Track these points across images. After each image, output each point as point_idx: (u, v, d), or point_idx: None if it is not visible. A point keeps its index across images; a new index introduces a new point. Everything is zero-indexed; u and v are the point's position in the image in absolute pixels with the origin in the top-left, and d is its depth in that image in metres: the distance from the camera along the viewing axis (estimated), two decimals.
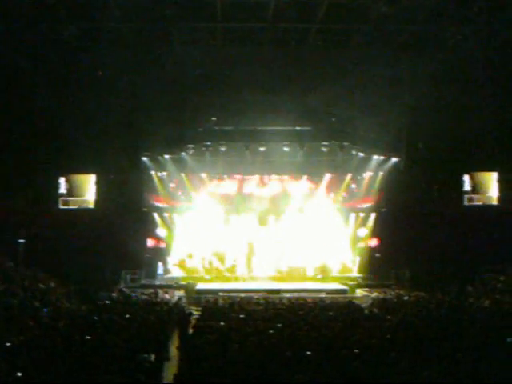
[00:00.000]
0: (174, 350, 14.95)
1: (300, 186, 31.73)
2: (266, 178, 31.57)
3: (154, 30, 24.08)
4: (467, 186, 30.12)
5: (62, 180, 29.32)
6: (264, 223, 31.06)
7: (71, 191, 29.48)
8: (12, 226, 26.55)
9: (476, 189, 30.09)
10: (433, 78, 25.47)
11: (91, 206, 29.21)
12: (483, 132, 27.66)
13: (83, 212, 29.00)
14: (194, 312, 20.02)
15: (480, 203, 30.08)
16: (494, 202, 29.72)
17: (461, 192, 30.09)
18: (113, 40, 24.50)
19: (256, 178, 31.52)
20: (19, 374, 9.73)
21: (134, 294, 23.04)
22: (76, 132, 26.86)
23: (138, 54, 25.53)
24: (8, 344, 11.99)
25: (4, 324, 14.74)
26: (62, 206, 29.33)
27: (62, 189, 29.37)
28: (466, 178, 30.11)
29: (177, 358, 13.90)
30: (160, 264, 29.67)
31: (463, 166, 29.81)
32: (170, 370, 12.69)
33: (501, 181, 29.28)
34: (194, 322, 16.93)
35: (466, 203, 30.13)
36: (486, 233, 27.11)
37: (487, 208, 29.61)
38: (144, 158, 29.28)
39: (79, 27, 23.75)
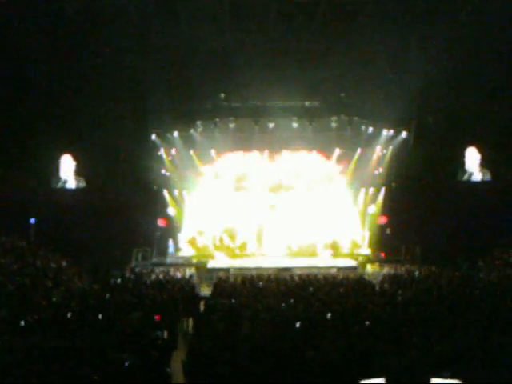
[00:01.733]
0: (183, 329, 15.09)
1: (309, 162, 31.63)
2: (275, 153, 31.44)
3: (161, 6, 23.82)
4: (476, 160, 30.01)
5: (70, 159, 29.42)
6: (274, 202, 31.02)
7: (80, 170, 29.59)
8: (23, 206, 26.68)
9: (485, 163, 29.97)
10: (443, 51, 25.14)
11: (100, 184, 29.25)
12: (494, 106, 27.31)
13: (93, 191, 29.06)
14: (206, 291, 20.20)
15: (489, 178, 29.96)
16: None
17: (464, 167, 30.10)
18: (119, 16, 24.25)
19: (265, 153, 31.41)
20: (34, 352, 9.85)
21: (145, 272, 23.18)
22: (82, 110, 26.81)
23: (145, 31, 25.32)
24: (22, 323, 12.12)
25: (17, 303, 14.88)
26: (70, 186, 29.47)
27: (71, 168, 29.48)
28: (474, 150, 29.95)
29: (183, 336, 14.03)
30: (171, 242, 29.77)
31: (473, 140, 29.52)
32: (182, 347, 12.79)
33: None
34: (205, 299, 17.04)
35: (476, 178, 30.03)
36: (497, 207, 26.97)
37: (498, 182, 29.40)
38: (153, 136, 29.25)
39: (84, 3, 23.49)
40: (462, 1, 23.33)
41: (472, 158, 30.18)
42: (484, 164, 29.98)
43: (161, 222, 30.14)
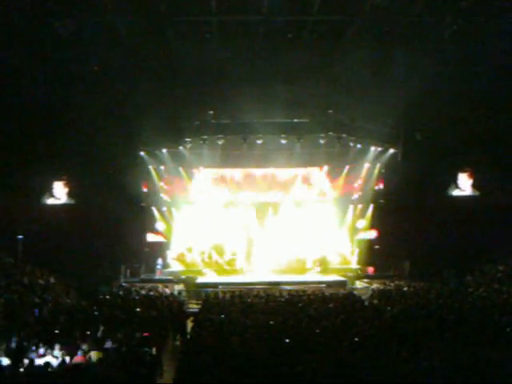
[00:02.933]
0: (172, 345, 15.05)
1: (298, 178, 31.72)
2: (263, 170, 31.51)
3: (149, 24, 23.90)
4: (465, 179, 30.11)
5: (61, 185, 29.31)
6: (262, 218, 31.05)
7: (70, 192, 29.45)
8: (11, 222, 26.50)
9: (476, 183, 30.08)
10: (430, 69, 25.37)
11: (89, 201, 29.09)
12: (481, 124, 27.52)
13: (82, 207, 28.93)
14: (194, 307, 20.14)
15: (478, 193, 30.04)
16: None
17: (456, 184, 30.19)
18: (107, 35, 24.32)
19: (254, 170, 31.46)
20: (21, 370, 9.79)
21: (133, 289, 23.07)
22: (71, 128, 26.74)
23: (134, 49, 25.37)
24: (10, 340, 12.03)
25: (4, 320, 14.76)
26: (59, 202, 29.30)
27: (62, 191, 29.34)
28: (465, 176, 30.09)
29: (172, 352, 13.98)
30: (159, 258, 29.66)
31: (462, 157, 29.67)
32: (171, 363, 12.75)
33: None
34: (194, 315, 16.99)
35: (464, 194, 30.15)
36: (486, 223, 27.09)
37: (486, 198, 29.50)
38: (141, 153, 29.26)
39: (73, 22, 23.51)
40: (447, 19, 23.62)
41: (463, 183, 30.27)
42: (474, 185, 30.07)
43: (149, 238, 30.06)
